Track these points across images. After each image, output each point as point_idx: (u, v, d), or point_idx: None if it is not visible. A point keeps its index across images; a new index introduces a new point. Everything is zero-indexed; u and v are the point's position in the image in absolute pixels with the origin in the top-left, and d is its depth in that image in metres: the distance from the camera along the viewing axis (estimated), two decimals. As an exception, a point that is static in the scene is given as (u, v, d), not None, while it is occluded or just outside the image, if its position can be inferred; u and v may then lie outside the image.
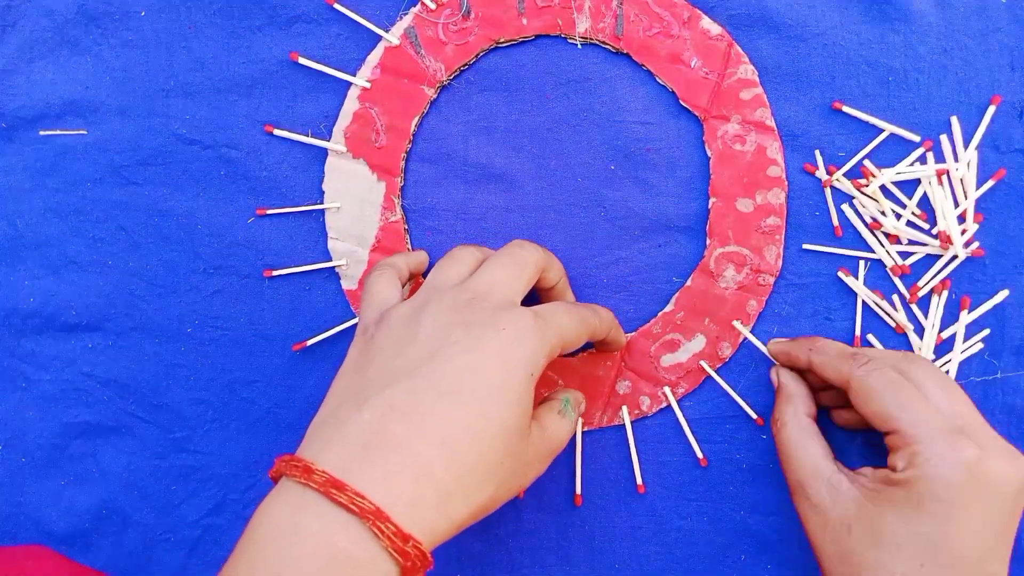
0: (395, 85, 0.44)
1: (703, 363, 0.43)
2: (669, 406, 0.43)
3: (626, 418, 0.43)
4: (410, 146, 0.44)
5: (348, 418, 0.32)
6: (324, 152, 0.44)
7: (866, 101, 0.42)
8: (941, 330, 0.42)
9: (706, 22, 0.42)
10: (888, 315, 0.42)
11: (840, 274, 0.42)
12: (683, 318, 0.43)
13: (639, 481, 0.44)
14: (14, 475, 0.46)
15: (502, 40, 0.43)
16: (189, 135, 0.45)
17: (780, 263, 0.43)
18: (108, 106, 0.45)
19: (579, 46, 0.43)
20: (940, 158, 0.42)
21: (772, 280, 0.43)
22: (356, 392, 0.33)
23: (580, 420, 0.43)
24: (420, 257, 0.43)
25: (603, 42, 0.43)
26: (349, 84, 0.44)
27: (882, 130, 0.42)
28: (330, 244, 0.44)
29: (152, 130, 0.45)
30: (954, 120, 0.42)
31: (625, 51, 0.43)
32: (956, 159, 0.42)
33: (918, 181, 0.42)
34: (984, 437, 0.34)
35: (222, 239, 0.45)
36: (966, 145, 0.42)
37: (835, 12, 0.42)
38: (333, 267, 0.45)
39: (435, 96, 0.44)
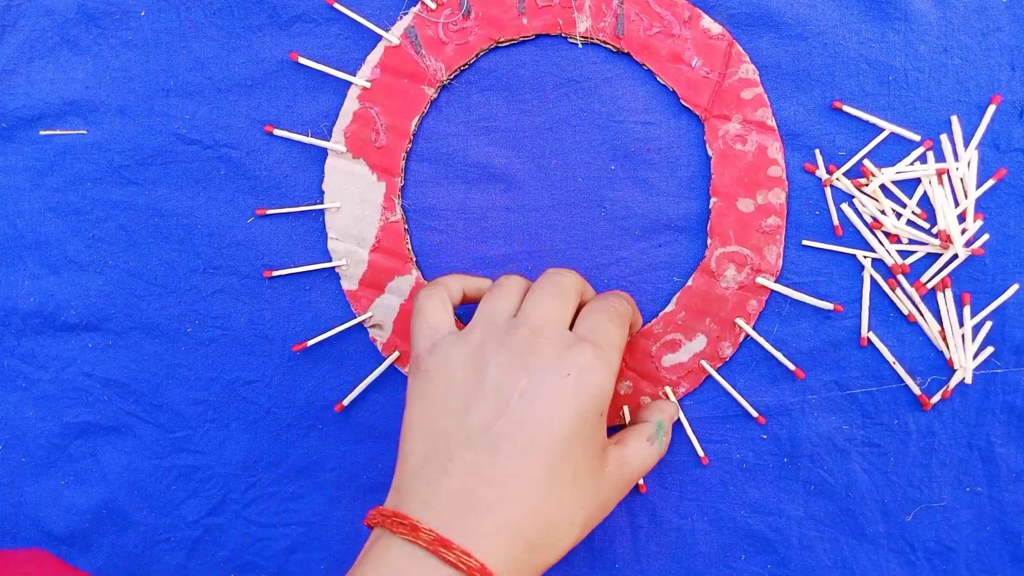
0: (395, 85, 0.44)
1: (704, 363, 0.43)
2: None
3: (627, 418, 0.43)
4: (410, 146, 0.44)
5: (437, 480, 0.34)
6: (324, 152, 0.44)
7: (866, 100, 0.42)
8: (944, 323, 0.42)
9: (707, 21, 0.42)
10: (901, 302, 0.42)
11: (860, 257, 0.42)
12: (684, 318, 0.43)
13: (639, 480, 0.44)
14: (14, 475, 0.46)
15: (502, 40, 0.43)
16: (189, 135, 0.45)
17: (780, 263, 0.43)
18: (108, 106, 0.45)
19: (579, 46, 0.43)
20: (940, 157, 0.42)
21: (772, 280, 0.43)
22: (437, 449, 0.34)
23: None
24: (480, 284, 0.42)
25: (604, 42, 0.43)
26: (349, 84, 0.44)
27: (882, 129, 0.42)
28: (330, 244, 0.44)
29: (152, 130, 0.45)
30: (954, 119, 0.42)
31: (626, 51, 0.43)
32: (956, 158, 0.42)
33: (918, 180, 0.42)
34: None
35: (222, 239, 0.45)
36: (966, 144, 0.42)
37: (835, 11, 0.42)
38: (333, 267, 0.45)
39: (435, 96, 0.44)
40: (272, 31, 0.44)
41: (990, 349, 0.42)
